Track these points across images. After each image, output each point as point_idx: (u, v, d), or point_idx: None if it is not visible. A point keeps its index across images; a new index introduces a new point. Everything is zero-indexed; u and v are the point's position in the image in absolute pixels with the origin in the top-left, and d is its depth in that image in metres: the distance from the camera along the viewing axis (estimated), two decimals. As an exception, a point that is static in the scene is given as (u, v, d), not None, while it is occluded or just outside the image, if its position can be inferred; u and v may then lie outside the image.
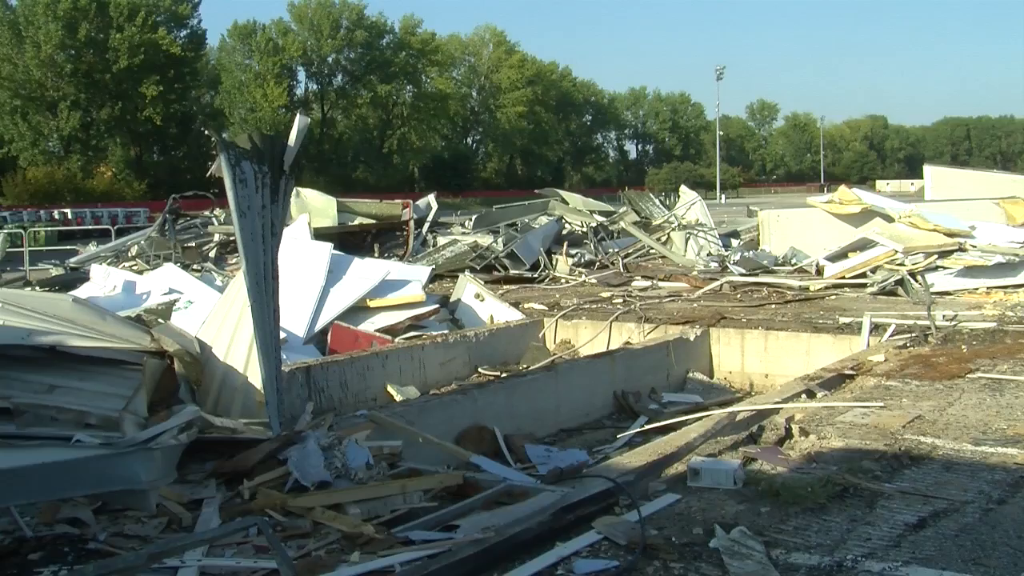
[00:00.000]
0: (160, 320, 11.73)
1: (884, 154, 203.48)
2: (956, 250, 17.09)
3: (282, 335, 9.37)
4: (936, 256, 17.02)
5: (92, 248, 29.38)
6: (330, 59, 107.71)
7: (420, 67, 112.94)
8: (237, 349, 9.05)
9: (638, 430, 10.76)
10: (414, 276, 16.41)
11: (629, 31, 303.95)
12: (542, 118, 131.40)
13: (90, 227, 46.07)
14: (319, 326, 14.33)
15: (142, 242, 27.35)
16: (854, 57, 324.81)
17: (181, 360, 8.69)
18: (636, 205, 28.65)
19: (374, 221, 26.77)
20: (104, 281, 17.53)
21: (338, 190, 45.42)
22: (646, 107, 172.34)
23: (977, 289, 16.31)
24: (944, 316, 13.51)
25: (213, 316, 9.86)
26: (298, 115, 8.85)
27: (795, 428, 7.85)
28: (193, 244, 27.17)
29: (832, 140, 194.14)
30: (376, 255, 22.95)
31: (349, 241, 23.40)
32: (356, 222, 26.74)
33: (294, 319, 13.83)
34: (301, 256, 15.40)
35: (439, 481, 6.94)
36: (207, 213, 31.90)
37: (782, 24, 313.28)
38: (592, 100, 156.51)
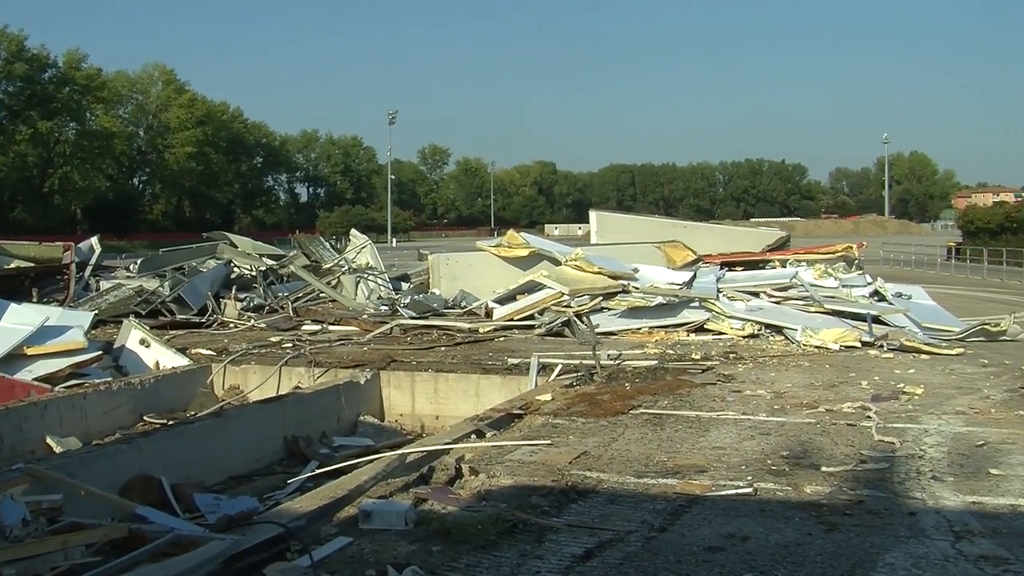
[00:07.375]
0: None
1: (553, 199, 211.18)
2: (620, 292, 17.90)
3: (-76, 385, 8.78)
4: (601, 298, 17.76)
5: None
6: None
7: (85, 104, 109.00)
8: None
9: (309, 475, 10.66)
10: (75, 322, 15.78)
11: (301, 72, 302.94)
12: (212, 159, 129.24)
13: None
14: (-30, 375, 13.51)
15: None
16: (524, 104, 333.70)
17: None
18: (307, 249, 28.54)
19: (32, 264, 25.50)
20: None
21: (-8, 231, 43.19)
22: (318, 150, 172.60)
23: (640, 329, 17.09)
24: (609, 355, 14.09)
25: None
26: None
27: (465, 468, 7.96)
28: None
29: (502, 185, 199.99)
30: (35, 300, 21.83)
31: (5, 286, 22.18)
32: (13, 265, 25.38)
33: (-60, 368, 12.99)
34: (-51, 301, 14.52)
35: (103, 534, 6.64)
36: None
37: (454, 70, 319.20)
38: (263, 142, 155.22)
